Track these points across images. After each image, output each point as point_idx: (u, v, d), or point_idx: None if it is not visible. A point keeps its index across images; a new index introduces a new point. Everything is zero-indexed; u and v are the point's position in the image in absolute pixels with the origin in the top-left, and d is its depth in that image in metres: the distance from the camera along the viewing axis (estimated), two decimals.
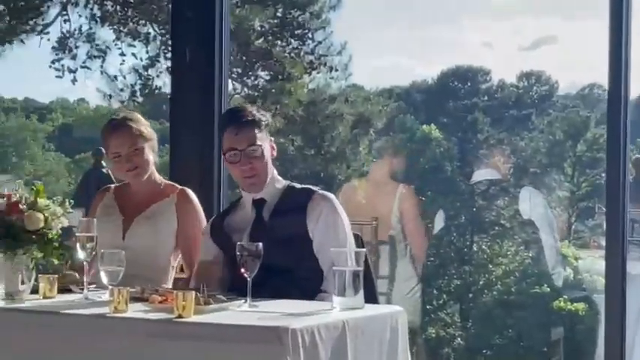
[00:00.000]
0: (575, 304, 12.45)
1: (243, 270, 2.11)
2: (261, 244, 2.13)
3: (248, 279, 2.09)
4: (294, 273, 2.46)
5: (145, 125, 2.91)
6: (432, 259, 14.09)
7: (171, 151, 4.00)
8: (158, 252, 2.88)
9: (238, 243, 2.17)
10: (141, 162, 2.84)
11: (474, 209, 16.39)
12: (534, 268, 14.20)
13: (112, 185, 3.14)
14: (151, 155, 2.88)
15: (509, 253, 15.43)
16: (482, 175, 15.58)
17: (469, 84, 18.21)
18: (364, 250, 2.38)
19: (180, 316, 1.86)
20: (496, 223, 16.35)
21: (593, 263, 12.60)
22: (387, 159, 5.43)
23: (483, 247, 15.97)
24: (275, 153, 2.64)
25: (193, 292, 1.93)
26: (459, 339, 13.97)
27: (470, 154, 16.49)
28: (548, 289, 13.02)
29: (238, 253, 2.13)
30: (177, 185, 2.97)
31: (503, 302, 13.99)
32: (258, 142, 2.52)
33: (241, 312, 2.03)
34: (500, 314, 13.57)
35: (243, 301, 2.09)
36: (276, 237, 2.41)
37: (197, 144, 2.72)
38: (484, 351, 13.68)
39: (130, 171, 2.85)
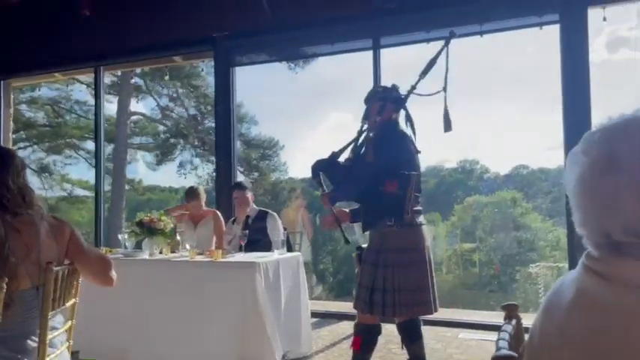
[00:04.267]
0: None
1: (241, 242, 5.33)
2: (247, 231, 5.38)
3: (242, 244, 5.31)
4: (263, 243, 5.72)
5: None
6: None
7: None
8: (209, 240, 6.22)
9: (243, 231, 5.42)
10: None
11: None
12: None
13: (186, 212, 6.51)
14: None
15: None
16: None
17: None
18: (286, 232, 5.60)
19: (215, 259, 4.99)
20: None
21: None
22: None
23: None
24: None
25: (220, 250, 5.09)
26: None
27: None
28: None
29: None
30: (211, 209, 6.40)
31: None
32: None
33: (241, 256, 5.11)
34: None
35: (242, 253, 5.25)
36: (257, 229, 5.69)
37: None
38: None
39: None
